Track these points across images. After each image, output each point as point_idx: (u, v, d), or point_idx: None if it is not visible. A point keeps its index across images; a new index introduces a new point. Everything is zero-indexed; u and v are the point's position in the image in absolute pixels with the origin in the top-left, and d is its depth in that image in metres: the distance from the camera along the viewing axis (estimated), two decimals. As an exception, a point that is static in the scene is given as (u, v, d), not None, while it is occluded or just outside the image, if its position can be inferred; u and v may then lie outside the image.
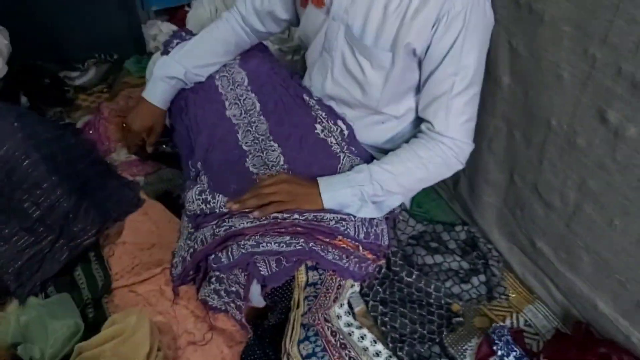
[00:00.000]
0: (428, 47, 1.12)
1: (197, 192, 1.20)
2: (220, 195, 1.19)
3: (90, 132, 1.72)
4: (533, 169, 1.20)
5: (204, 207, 1.17)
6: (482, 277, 1.34)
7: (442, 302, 1.30)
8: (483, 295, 1.32)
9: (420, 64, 1.18)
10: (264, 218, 1.10)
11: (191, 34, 1.52)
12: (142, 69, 2.02)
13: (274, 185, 1.14)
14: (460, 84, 1.12)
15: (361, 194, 1.16)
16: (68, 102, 1.90)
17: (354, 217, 1.17)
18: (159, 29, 2.15)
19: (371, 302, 1.27)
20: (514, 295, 1.34)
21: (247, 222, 1.10)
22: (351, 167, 1.23)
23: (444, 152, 1.16)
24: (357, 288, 1.28)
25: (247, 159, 1.29)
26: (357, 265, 1.18)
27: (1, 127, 1.32)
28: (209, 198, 1.17)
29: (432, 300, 1.30)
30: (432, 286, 1.30)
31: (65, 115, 1.86)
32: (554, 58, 1.03)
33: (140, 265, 1.34)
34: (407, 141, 1.23)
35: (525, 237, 1.31)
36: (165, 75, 1.40)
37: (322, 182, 1.17)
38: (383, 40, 1.16)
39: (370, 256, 1.19)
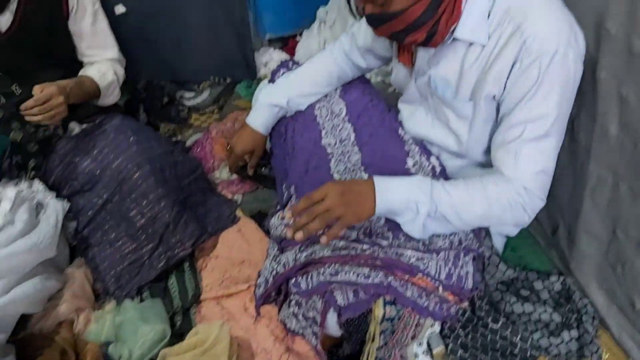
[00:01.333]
0: (503, 92, 1.10)
1: (279, 217, 1.24)
2: None
3: (198, 149, 1.84)
4: (639, 225, 1.12)
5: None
6: (574, 333, 1.27)
7: (528, 354, 1.24)
8: (573, 351, 1.25)
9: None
10: (343, 247, 1.11)
11: (297, 64, 1.59)
12: (251, 93, 2.13)
13: (328, 200, 1.03)
14: (532, 131, 1.06)
15: (416, 209, 1.09)
16: (181, 121, 2.05)
17: (437, 255, 1.16)
18: (270, 56, 2.27)
19: (451, 345, 1.24)
20: (607, 356, 1.25)
21: (327, 251, 1.12)
22: None
23: (513, 196, 1.09)
24: (437, 328, 1.25)
25: (337, 188, 1.32)
26: (438, 305, 1.15)
27: (119, 141, 1.46)
28: (291, 223, 1.21)
29: (516, 351, 1.24)
30: (519, 336, 1.25)
31: (178, 132, 2.00)
32: (667, 111, 0.96)
33: (229, 279, 1.41)
34: None
35: (626, 296, 1.22)
36: (269, 102, 1.47)
37: (379, 183, 1.09)
38: (463, 91, 1.16)
39: (451, 297, 1.16)
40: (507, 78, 1.06)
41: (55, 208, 1.23)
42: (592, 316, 1.29)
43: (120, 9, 1.85)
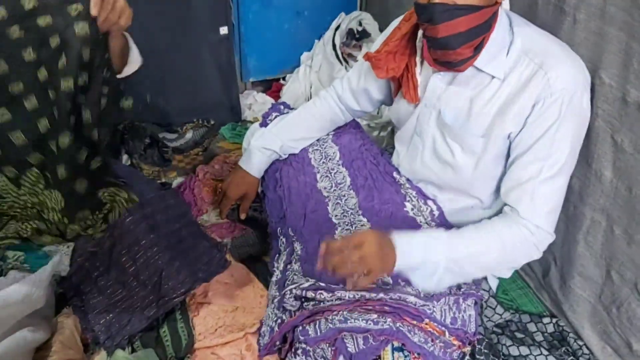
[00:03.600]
0: (521, 130, 1.13)
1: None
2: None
3: (184, 192, 1.81)
4: (634, 267, 1.15)
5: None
6: (572, 375, 1.28)
7: (527, 398, 1.24)
8: (570, 394, 1.26)
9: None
10: (353, 295, 1.10)
11: (288, 107, 1.60)
12: (236, 135, 2.13)
13: (366, 248, 1.06)
14: (548, 170, 1.10)
15: (436, 265, 1.13)
16: (165, 163, 2.01)
17: (437, 302, 1.16)
18: (255, 99, 2.28)
19: (453, 390, 1.23)
20: (605, 399, 1.26)
21: (335, 300, 1.11)
22: None
23: (526, 238, 1.12)
24: (439, 373, 1.24)
25: (337, 232, 1.32)
26: (442, 350, 1.15)
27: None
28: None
29: (516, 395, 1.24)
30: (517, 380, 1.25)
31: (162, 175, 1.97)
32: (664, 158, 1.01)
33: (223, 327, 1.37)
34: None
35: (621, 338, 1.24)
36: (262, 146, 1.47)
37: (399, 240, 1.12)
38: (477, 126, 1.18)
39: (456, 342, 1.16)
40: (528, 116, 1.10)
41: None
42: (588, 358, 1.31)
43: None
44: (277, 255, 1.40)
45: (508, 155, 1.18)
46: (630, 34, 1.03)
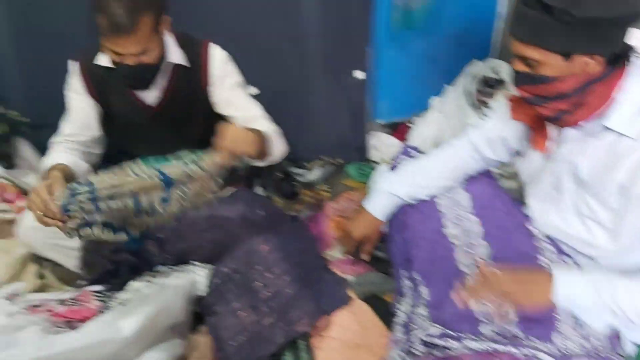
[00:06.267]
0: None
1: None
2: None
3: (311, 226, 1.88)
4: None
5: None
6: None
7: None
8: None
9: None
10: (483, 346, 1.09)
11: (417, 150, 1.61)
12: (361, 174, 2.20)
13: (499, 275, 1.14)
14: None
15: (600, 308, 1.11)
16: (293, 196, 2.11)
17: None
18: (381, 140, 2.33)
19: None
20: None
21: (463, 349, 1.10)
22: None
23: None
24: None
25: (466, 280, 1.30)
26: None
27: (249, 214, 1.52)
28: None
29: None
30: None
31: (289, 207, 2.06)
32: None
33: (346, 363, 1.39)
34: None
35: None
36: (389, 190, 1.48)
37: (559, 277, 1.13)
38: (612, 183, 1.13)
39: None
40: None
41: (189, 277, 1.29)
42: None
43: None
44: (400, 296, 1.40)
45: None
46: None
